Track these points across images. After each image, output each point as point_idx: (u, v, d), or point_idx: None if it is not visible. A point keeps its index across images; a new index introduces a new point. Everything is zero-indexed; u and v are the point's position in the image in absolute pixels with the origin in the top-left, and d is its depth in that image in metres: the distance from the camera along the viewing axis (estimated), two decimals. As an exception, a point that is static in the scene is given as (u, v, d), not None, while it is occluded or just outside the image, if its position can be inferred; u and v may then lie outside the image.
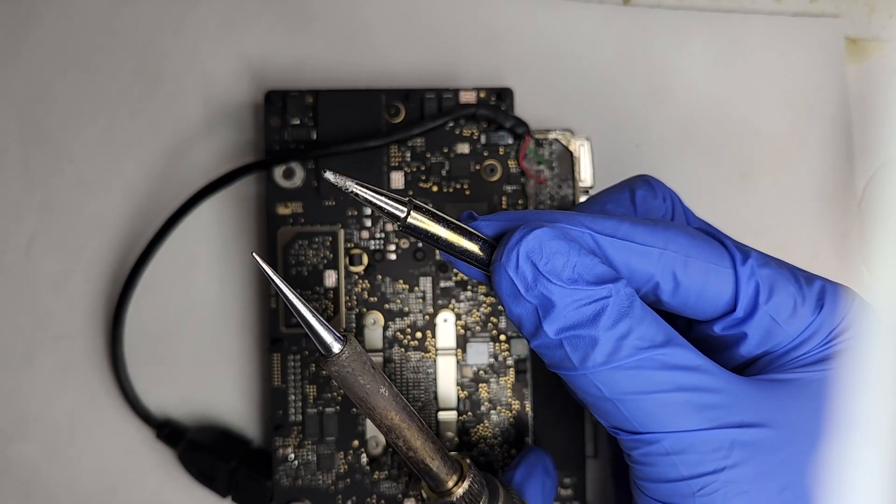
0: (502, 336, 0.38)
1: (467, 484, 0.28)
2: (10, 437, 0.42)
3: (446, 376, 0.38)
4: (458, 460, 0.29)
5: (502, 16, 0.42)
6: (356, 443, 0.38)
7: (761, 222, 0.42)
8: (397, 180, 0.39)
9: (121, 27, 0.42)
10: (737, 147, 0.42)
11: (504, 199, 0.39)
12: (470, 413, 0.38)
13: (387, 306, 0.38)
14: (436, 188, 0.39)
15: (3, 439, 0.42)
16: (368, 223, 0.39)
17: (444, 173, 0.38)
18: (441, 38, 0.42)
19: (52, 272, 0.42)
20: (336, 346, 0.25)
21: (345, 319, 0.38)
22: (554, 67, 0.42)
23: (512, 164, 0.39)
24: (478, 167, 0.38)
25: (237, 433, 0.41)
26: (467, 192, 0.38)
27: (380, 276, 0.38)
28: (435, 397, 0.38)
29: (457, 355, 0.38)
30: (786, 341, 0.27)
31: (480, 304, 0.38)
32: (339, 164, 0.38)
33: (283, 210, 0.38)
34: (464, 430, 0.38)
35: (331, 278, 0.38)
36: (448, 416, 0.38)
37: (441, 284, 0.38)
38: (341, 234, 0.38)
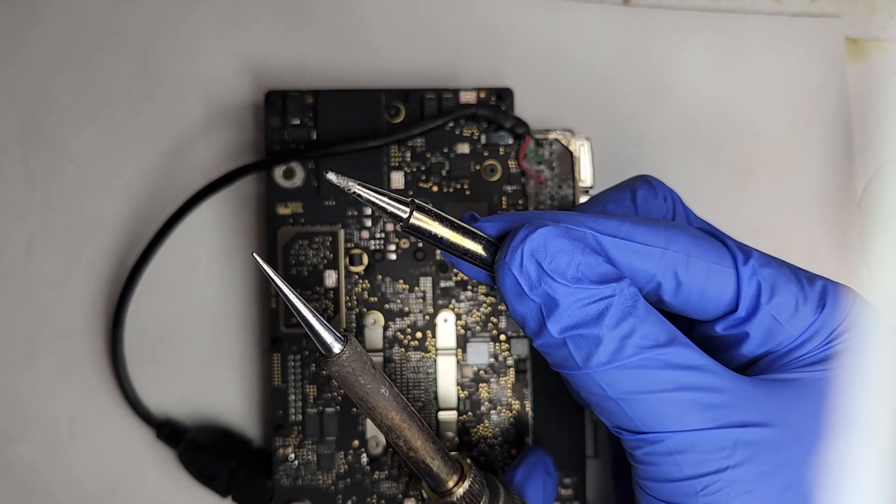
0: (502, 336, 0.38)
1: (468, 484, 0.28)
2: (10, 437, 0.41)
3: (446, 376, 0.38)
4: (459, 460, 0.29)
5: (502, 16, 0.42)
6: (356, 443, 0.38)
7: (761, 222, 0.42)
8: (397, 180, 0.39)
9: (121, 27, 0.42)
10: (737, 147, 0.42)
11: (504, 199, 0.39)
12: (470, 413, 0.38)
13: (387, 306, 0.38)
14: (436, 188, 0.39)
15: (3, 439, 0.41)
16: (369, 223, 0.39)
17: (445, 173, 0.38)
18: (441, 38, 0.42)
19: (52, 272, 0.42)
20: (337, 346, 0.25)
21: (345, 319, 0.38)
22: (554, 67, 0.42)
23: (512, 164, 0.39)
24: (478, 167, 0.38)
25: (237, 433, 0.41)
26: (467, 193, 0.38)
27: (380, 276, 0.38)
28: (435, 397, 0.38)
29: (457, 355, 0.38)
30: (787, 341, 0.27)
31: (480, 304, 0.38)
32: (340, 165, 0.38)
33: (283, 210, 0.38)
34: (464, 430, 0.38)
35: (331, 278, 0.38)
36: (448, 416, 0.38)
37: (441, 284, 0.38)
38: (341, 234, 0.38)
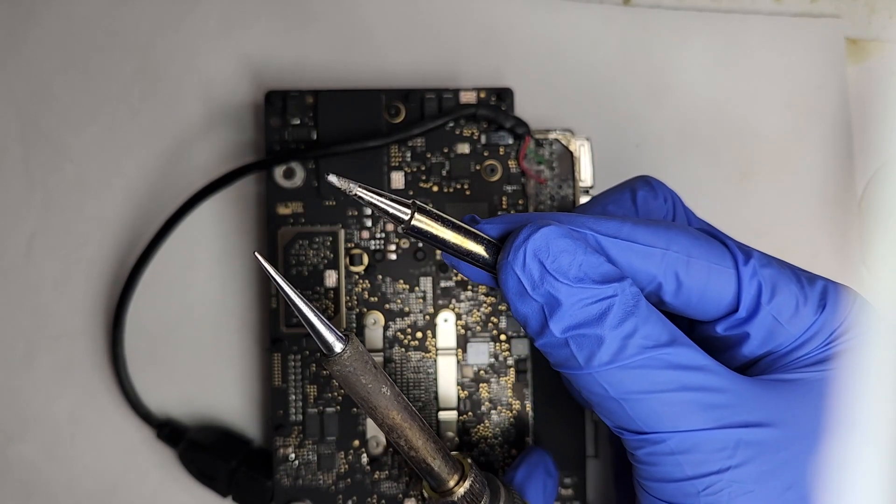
0: (503, 336, 0.38)
1: (468, 484, 0.28)
2: (10, 437, 0.41)
3: (447, 376, 0.38)
4: (460, 460, 0.29)
5: (502, 16, 0.42)
6: (357, 442, 0.38)
7: (761, 222, 0.42)
8: (397, 180, 0.39)
9: (121, 27, 0.42)
10: (737, 147, 0.42)
11: (504, 199, 0.39)
12: (470, 413, 0.38)
13: (387, 306, 0.38)
14: (436, 188, 0.39)
15: (3, 439, 0.41)
16: (369, 223, 0.39)
17: (445, 173, 0.38)
18: (441, 38, 0.42)
19: (52, 272, 0.42)
20: (338, 346, 0.25)
21: (345, 319, 0.38)
22: (554, 67, 0.42)
23: (512, 164, 0.39)
24: (478, 167, 0.38)
25: (238, 433, 0.41)
26: (467, 193, 0.38)
27: (380, 276, 0.38)
28: (435, 397, 0.38)
29: (457, 355, 0.38)
30: (788, 341, 0.27)
31: (481, 304, 0.38)
32: (340, 165, 0.38)
33: (283, 210, 0.38)
34: (464, 429, 0.38)
35: (331, 278, 0.38)
36: (448, 415, 0.38)
37: (441, 284, 0.38)
38: (342, 234, 0.38)
